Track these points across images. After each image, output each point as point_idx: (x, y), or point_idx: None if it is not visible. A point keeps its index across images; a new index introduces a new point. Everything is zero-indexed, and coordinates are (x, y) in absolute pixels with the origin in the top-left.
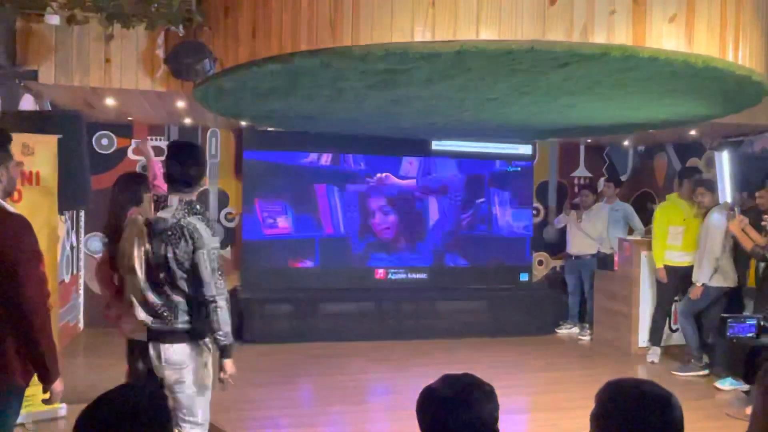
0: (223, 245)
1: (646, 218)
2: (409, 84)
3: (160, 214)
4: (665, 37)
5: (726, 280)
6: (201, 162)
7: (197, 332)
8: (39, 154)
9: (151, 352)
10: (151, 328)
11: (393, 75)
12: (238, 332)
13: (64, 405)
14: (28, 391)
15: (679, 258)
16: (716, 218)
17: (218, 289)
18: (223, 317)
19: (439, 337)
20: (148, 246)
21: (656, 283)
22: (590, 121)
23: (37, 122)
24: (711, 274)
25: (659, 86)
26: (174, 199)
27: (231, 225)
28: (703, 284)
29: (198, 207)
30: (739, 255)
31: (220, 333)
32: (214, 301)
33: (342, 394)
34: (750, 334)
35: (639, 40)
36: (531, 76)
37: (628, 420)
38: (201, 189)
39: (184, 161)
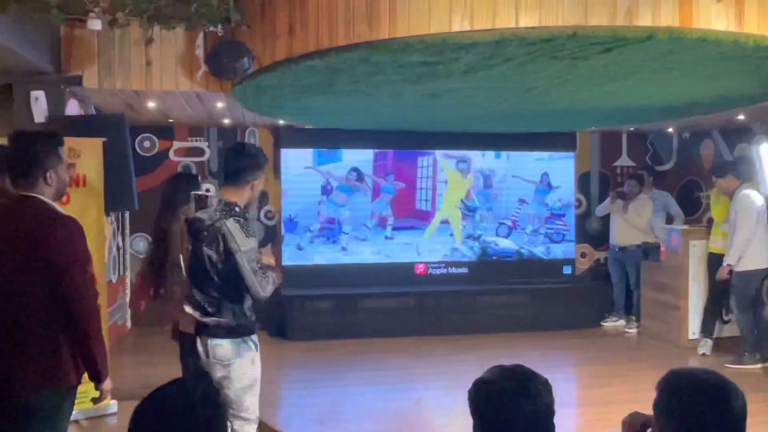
0: (263, 243)
1: (692, 207)
2: (447, 76)
3: (199, 214)
4: (714, 18)
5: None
6: (245, 156)
7: (244, 329)
8: (85, 156)
9: (199, 347)
10: (200, 321)
11: (431, 67)
12: (280, 329)
13: (114, 402)
14: (80, 388)
15: None
16: (744, 195)
17: (263, 289)
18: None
19: (481, 332)
20: (188, 245)
21: (708, 272)
22: (633, 108)
23: (82, 126)
24: (739, 256)
25: (707, 69)
26: (214, 200)
27: (271, 223)
28: (730, 266)
29: (237, 209)
30: None
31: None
32: (260, 301)
33: (385, 390)
34: None
35: (686, 22)
36: (573, 62)
37: (690, 409)
38: (253, 190)
39: (230, 155)
